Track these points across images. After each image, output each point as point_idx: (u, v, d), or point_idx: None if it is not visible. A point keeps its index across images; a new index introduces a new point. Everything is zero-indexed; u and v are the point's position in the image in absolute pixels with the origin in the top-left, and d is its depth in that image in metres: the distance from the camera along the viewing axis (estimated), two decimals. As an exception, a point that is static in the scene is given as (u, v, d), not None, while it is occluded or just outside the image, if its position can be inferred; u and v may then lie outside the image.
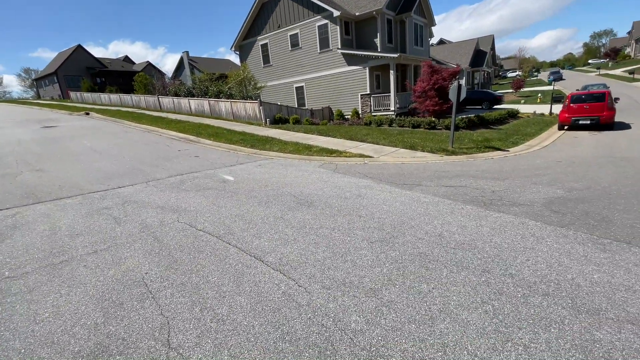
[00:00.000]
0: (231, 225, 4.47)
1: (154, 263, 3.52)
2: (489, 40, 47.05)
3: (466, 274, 3.13)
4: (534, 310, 2.60)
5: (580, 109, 13.74)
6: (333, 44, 19.09)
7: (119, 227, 4.51)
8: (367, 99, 18.41)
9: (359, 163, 8.45)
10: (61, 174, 7.60)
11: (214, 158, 9.33)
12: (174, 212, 5.06)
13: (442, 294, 2.83)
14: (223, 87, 22.26)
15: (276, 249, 3.75)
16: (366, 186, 6.20)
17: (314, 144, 10.82)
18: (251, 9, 22.58)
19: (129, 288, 3.07)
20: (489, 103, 24.43)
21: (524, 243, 3.74)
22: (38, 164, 8.66)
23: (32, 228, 4.57)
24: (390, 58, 16.86)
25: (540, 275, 3.07)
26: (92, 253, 3.78)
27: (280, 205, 5.25)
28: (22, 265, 3.56)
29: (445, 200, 5.27)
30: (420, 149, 9.79)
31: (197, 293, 2.96)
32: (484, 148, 10.10)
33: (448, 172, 7.33)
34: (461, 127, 14.12)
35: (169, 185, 6.60)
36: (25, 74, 65.54)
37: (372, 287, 2.96)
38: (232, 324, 2.55)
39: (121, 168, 8.11)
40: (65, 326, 2.58)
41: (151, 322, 2.59)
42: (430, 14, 22.64)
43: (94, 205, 5.45)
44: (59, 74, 43.24)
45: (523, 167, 7.86)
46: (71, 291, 3.05)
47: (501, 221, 4.38)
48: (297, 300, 2.81)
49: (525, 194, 5.54)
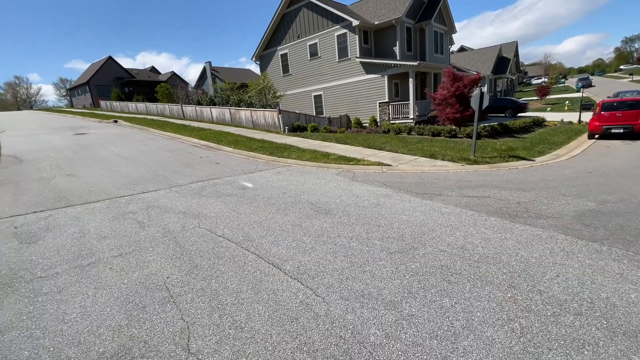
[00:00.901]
0: (250, 232, 4.52)
1: (175, 267, 3.60)
2: (512, 47, 45.93)
3: (491, 289, 3.01)
4: (565, 330, 2.46)
5: (612, 117, 13.09)
6: (352, 52, 19.22)
7: (143, 231, 4.66)
8: (386, 107, 18.32)
9: (377, 171, 8.37)
10: (91, 179, 7.97)
11: (233, 165, 9.51)
12: (195, 217, 5.18)
13: (466, 309, 2.73)
14: (243, 96, 22.82)
15: (294, 257, 3.75)
16: (385, 195, 6.12)
17: (331, 151, 10.84)
18: (272, 20, 23.15)
19: (151, 291, 3.15)
20: (513, 111, 23.70)
21: (553, 258, 3.56)
22: (70, 169, 9.13)
23: (63, 230, 4.80)
24: (409, 66, 16.76)
25: (572, 293, 2.91)
26: (117, 256, 3.92)
27: (298, 212, 5.26)
28: (53, 266, 3.73)
29: (467, 211, 5.11)
30: (440, 158, 9.60)
31: (216, 299, 3.00)
32: (508, 157, 9.77)
33: (470, 182, 7.13)
34: (483, 136, 13.75)
35: (191, 191, 6.77)
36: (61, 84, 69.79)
37: (392, 299, 2.90)
38: (250, 332, 2.55)
39: (146, 174, 8.41)
40: (91, 327, 2.67)
41: (172, 327, 2.64)
42: (451, 21, 22.42)
43: (120, 210, 5.67)
44: (91, 83, 45.77)
45: (550, 177, 7.54)
46: (97, 293, 3.16)
47: (528, 234, 4.20)
48: (315, 310, 2.78)
49: (554, 206, 5.30)
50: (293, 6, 21.94)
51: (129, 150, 12.19)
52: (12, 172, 8.86)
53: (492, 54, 39.94)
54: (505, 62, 41.03)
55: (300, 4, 21.39)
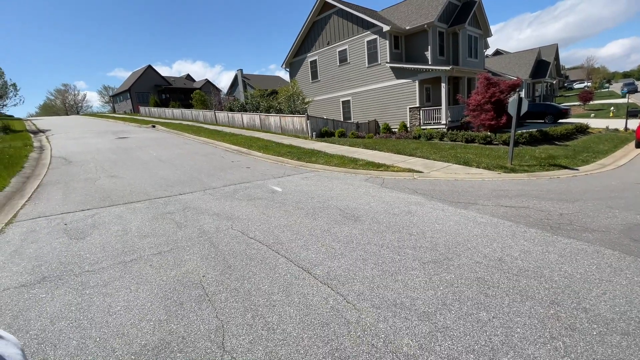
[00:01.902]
0: (280, 235, 4.60)
1: (210, 267, 3.73)
2: (552, 50, 43.52)
3: (532, 304, 2.85)
4: (612, 350, 2.28)
5: (665, 123, 12.01)
6: (382, 58, 19.12)
7: (180, 231, 4.88)
8: (416, 112, 17.99)
9: (407, 178, 8.22)
10: (132, 180, 8.48)
11: (263, 169, 9.74)
12: (228, 219, 5.35)
13: (504, 324, 2.60)
14: (273, 102, 23.38)
15: (323, 262, 3.76)
16: (416, 202, 5.99)
17: (359, 157, 10.79)
18: (302, 28, 23.62)
19: (188, 289, 3.28)
20: (553, 117, 22.41)
21: (600, 274, 3.31)
22: (113, 170, 9.78)
23: (108, 228, 5.14)
24: (441, 71, 16.39)
25: (619, 312, 2.69)
26: (157, 254, 4.13)
27: (327, 218, 5.28)
28: (99, 261, 4.00)
29: (505, 222, 4.88)
30: (475, 165, 9.25)
31: (249, 299, 3.07)
32: (548, 166, 9.23)
33: (507, 191, 6.81)
34: (521, 143, 13.10)
35: (224, 194, 7.01)
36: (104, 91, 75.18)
37: (425, 310, 2.82)
38: (282, 334, 2.59)
39: (182, 176, 8.82)
40: (134, 320, 2.83)
41: (208, 324, 2.73)
42: (486, 24, 21.70)
43: (159, 210, 5.98)
44: (131, 90, 48.94)
45: (596, 188, 7.02)
46: (139, 288, 3.35)
47: (572, 248, 3.93)
48: (345, 317, 2.77)
49: (600, 218, 4.93)
50: (324, 13, 22.27)
51: (166, 153, 12.85)
52: (61, 172, 9.65)
53: (530, 57, 38.09)
54: (544, 65, 38.95)
55: (331, 11, 21.67)
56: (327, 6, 21.79)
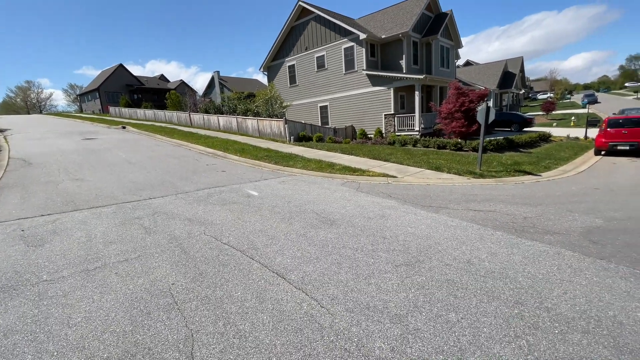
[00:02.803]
0: (255, 240, 4.53)
1: (180, 274, 3.61)
2: (518, 62, 46.24)
3: (497, 304, 2.97)
4: (573, 348, 2.42)
5: (618, 133, 13.07)
6: (358, 65, 19.48)
7: (149, 237, 4.68)
8: (391, 119, 18.43)
9: (382, 183, 8.38)
10: (98, 184, 8.06)
11: (239, 173, 9.58)
12: (200, 224, 5.21)
13: (472, 325, 2.69)
14: (250, 105, 23.11)
15: (299, 267, 3.74)
16: (390, 207, 6.12)
17: (337, 162, 10.88)
18: (280, 33, 23.62)
19: (156, 298, 3.15)
20: (519, 125, 23.73)
21: (561, 275, 3.52)
22: (78, 173, 9.25)
23: (70, 234, 4.84)
24: (415, 79, 16.93)
25: (580, 311, 2.87)
26: (123, 261, 3.94)
27: (303, 222, 5.27)
28: (59, 270, 3.75)
29: (473, 225, 5.09)
30: (446, 171, 9.59)
31: (220, 307, 2.99)
32: (514, 172, 9.74)
33: (476, 195, 7.11)
34: (489, 150, 13.75)
35: (197, 198, 6.82)
36: (71, 90, 71.25)
37: (398, 312, 2.87)
38: (255, 342, 2.54)
39: (153, 180, 8.50)
40: (96, 332, 2.67)
41: (176, 334, 2.63)
42: (457, 36, 22.70)
43: (127, 215, 5.71)
44: (101, 90, 46.69)
45: (557, 193, 7.49)
46: (103, 297, 3.17)
47: (535, 250, 4.16)
48: (319, 322, 2.76)
49: (561, 222, 5.26)
50: (302, 19, 22.41)
51: (136, 156, 12.34)
52: (20, 174, 9.00)
53: (497, 68, 40.24)
54: (511, 77, 41.27)
55: (309, 17, 21.84)
56: (306, 12, 21.96)
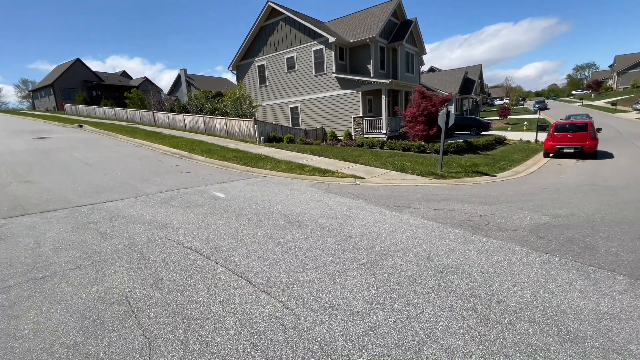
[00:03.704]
0: (220, 244, 4.43)
1: (138, 281, 3.44)
2: (477, 69, 49.14)
3: (453, 298, 3.15)
4: (520, 337, 2.61)
5: (564, 137, 14.27)
6: (328, 68, 19.69)
7: (104, 243, 4.42)
8: (360, 121, 18.81)
9: (350, 184, 8.53)
10: (50, 186, 7.47)
11: (205, 174, 9.31)
12: (162, 228, 5.00)
13: (430, 319, 2.83)
14: (218, 105, 22.53)
15: (264, 269, 3.72)
16: (357, 207, 6.25)
17: (306, 163, 10.92)
18: (250, 32, 23.28)
19: (111, 306, 2.98)
20: (477, 129, 25.19)
21: (511, 268, 3.79)
22: (28, 175, 8.51)
23: (17, 241, 4.45)
24: (382, 84, 17.42)
25: (527, 302, 3.10)
26: (75, 269, 3.69)
27: (271, 224, 5.24)
28: (4, 279, 3.44)
29: (433, 223, 5.33)
30: (410, 172, 9.97)
31: (181, 313, 2.90)
32: (472, 173, 10.33)
33: (437, 195, 7.45)
34: (450, 152, 14.46)
35: (159, 200, 6.54)
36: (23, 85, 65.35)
37: (360, 310, 2.95)
38: (216, 347, 2.49)
39: (111, 182, 8.02)
40: (44, 344, 2.48)
41: (132, 343, 2.51)
42: (422, 43, 23.68)
43: (81, 219, 5.35)
44: (56, 86, 43.26)
45: (510, 192, 8.04)
46: (52, 307, 2.95)
47: (488, 246, 4.44)
48: (283, 323, 2.77)
49: (512, 219, 5.65)
50: (272, 19, 22.24)
51: (94, 156, 11.57)
52: (-44, 177, 8.12)
53: (459, 75, 42.49)
54: (470, 83, 43.77)
55: (279, 18, 21.74)
56: (275, 12, 21.83)
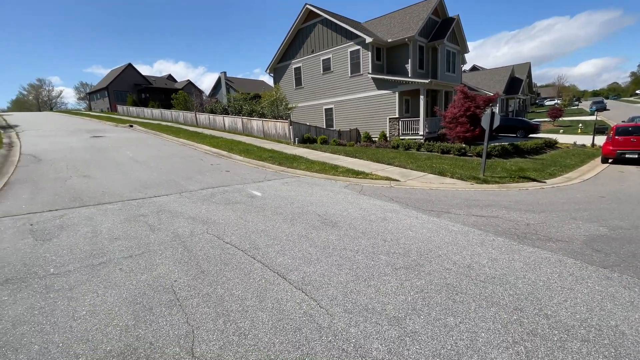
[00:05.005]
0: (257, 240, 4.58)
1: (182, 272, 3.66)
2: (525, 68, 46.00)
3: (496, 310, 2.98)
4: (572, 356, 2.42)
5: (626, 141, 12.91)
6: (364, 68, 19.53)
7: (153, 234, 4.76)
8: (396, 122, 18.44)
9: (385, 186, 8.39)
10: (105, 181, 8.19)
11: (243, 173, 9.66)
12: (203, 223, 5.27)
13: (470, 329, 2.71)
14: (256, 106, 23.28)
15: (299, 268, 3.78)
16: (392, 210, 6.13)
17: (340, 164, 10.92)
18: (287, 35, 23.78)
19: (158, 294, 3.21)
20: (524, 131, 23.59)
21: (562, 282, 3.51)
22: (86, 170, 9.40)
23: (77, 230, 4.94)
24: (420, 83, 16.93)
25: (580, 319, 2.86)
26: (127, 257, 4.01)
27: (305, 223, 5.31)
28: (65, 264, 3.83)
29: (475, 230, 5.09)
30: (449, 176, 9.58)
31: (221, 305, 3.04)
32: (518, 178, 9.70)
33: (478, 201, 7.09)
34: (493, 155, 13.69)
35: (201, 197, 6.89)
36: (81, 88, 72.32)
37: (396, 315, 2.89)
38: (254, 340, 2.58)
39: (158, 178, 8.60)
40: (99, 325, 2.73)
41: (177, 329, 2.68)
42: (464, 41, 22.67)
43: (132, 212, 5.80)
44: (110, 88, 47.30)
45: (561, 200, 7.44)
46: (107, 292, 3.23)
47: (536, 257, 4.15)
48: (318, 322, 2.80)
49: (564, 229, 5.23)
50: (309, 22, 22.54)
51: (142, 154, 12.49)
52: (30, 170, 9.17)
53: (504, 74, 40.07)
54: (517, 82, 41.07)
55: (316, 20, 21.98)
56: (313, 15, 22.10)
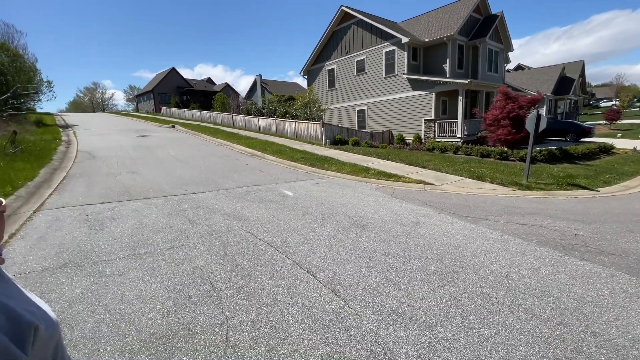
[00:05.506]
0: (288, 239, 4.69)
1: (218, 264, 3.86)
2: (577, 66, 42.45)
3: (536, 323, 2.81)
4: (623, 380, 2.22)
5: (698, 148, 11.50)
6: (399, 69, 19.19)
7: (192, 228, 5.05)
8: (431, 124, 17.90)
9: (418, 189, 8.19)
10: (150, 177, 8.80)
11: (276, 173, 9.90)
12: (238, 220, 5.49)
13: (506, 341, 2.58)
14: (289, 108, 23.76)
15: (329, 267, 3.82)
16: (425, 214, 5.98)
17: (371, 166, 10.82)
18: (322, 37, 24.01)
19: (196, 284, 3.41)
20: (575, 135, 21.79)
21: (613, 299, 3.22)
22: (133, 167, 10.16)
23: (125, 221, 5.37)
24: (459, 84, 16.31)
25: (633, 340, 2.62)
26: (169, 248, 4.29)
27: (335, 224, 5.34)
28: (115, 252, 4.19)
29: (515, 239, 4.81)
30: (489, 180, 9.13)
31: (254, 298, 3.16)
32: (566, 185, 9.00)
33: (520, 208, 6.69)
34: (539, 160, 12.82)
35: (236, 195, 7.18)
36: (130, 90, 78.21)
37: (427, 321, 2.83)
38: (284, 333, 2.66)
39: (197, 176, 9.09)
40: (144, 309, 2.96)
41: (213, 318, 2.84)
42: (508, 39, 21.49)
43: (174, 207, 6.19)
44: (155, 91, 50.65)
45: (616, 210, 6.80)
46: (151, 279, 3.49)
47: (584, 270, 3.85)
48: (346, 321, 2.82)
49: (618, 242, 4.79)
50: (344, 23, 22.60)
51: (183, 153, 13.25)
52: (86, 166, 10.10)
53: (553, 73, 37.29)
54: (568, 82, 38.01)
55: (351, 22, 21.97)
56: (348, 16, 22.12)
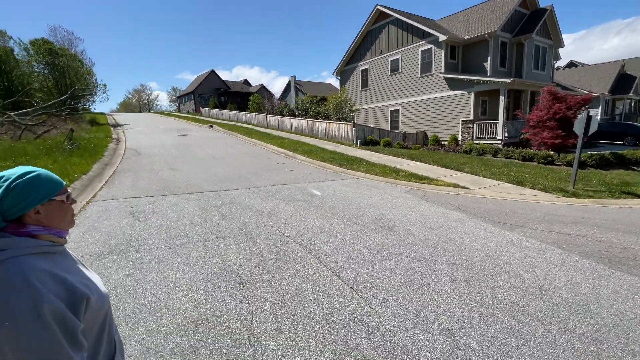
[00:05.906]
0: (313, 237, 4.79)
1: (247, 258, 4.05)
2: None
3: (569, 337, 2.66)
4: (667, 406, 2.05)
5: None
6: (436, 68, 18.61)
7: (224, 223, 5.33)
8: (469, 125, 17.16)
9: (451, 193, 7.93)
10: (188, 174, 9.36)
11: (305, 173, 10.08)
12: (267, 216, 5.70)
13: (534, 354, 2.47)
14: (321, 109, 23.97)
15: (352, 267, 3.86)
16: (457, 219, 5.79)
17: (402, 168, 10.62)
18: (356, 37, 23.91)
19: (226, 275, 3.62)
20: (634, 139, 19.74)
21: (664, 319, 2.94)
22: (174, 164, 10.86)
23: (165, 214, 5.79)
24: (500, 83, 15.48)
25: (683, 364, 2.39)
26: (203, 241, 4.58)
27: (361, 225, 5.36)
28: (156, 242, 4.55)
29: (554, 249, 4.53)
30: (529, 186, 8.60)
31: (278, 292, 3.30)
32: (620, 193, 8.23)
33: (563, 216, 6.25)
34: (589, 165, 11.83)
35: (267, 193, 7.44)
36: (173, 92, 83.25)
37: (449, 326, 2.79)
38: (305, 327, 2.75)
39: (232, 174, 9.51)
40: (179, 295, 3.21)
41: (239, 308, 3.01)
42: (558, 34, 20.00)
43: (208, 202, 6.56)
44: (195, 93, 53.41)
45: (678, 223, 6.11)
46: (186, 269, 3.76)
47: (630, 285, 3.54)
48: (367, 321, 2.85)
49: (676, 257, 4.32)
50: (378, 23, 22.35)
51: (220, 152, 13.90)
52: (132, 162, 10.97)
53: (611, 70, 33.99)
54: (629, 80, 34.43)
55: (386, 21, 21.67)
56: (383, 15, 21.83)
